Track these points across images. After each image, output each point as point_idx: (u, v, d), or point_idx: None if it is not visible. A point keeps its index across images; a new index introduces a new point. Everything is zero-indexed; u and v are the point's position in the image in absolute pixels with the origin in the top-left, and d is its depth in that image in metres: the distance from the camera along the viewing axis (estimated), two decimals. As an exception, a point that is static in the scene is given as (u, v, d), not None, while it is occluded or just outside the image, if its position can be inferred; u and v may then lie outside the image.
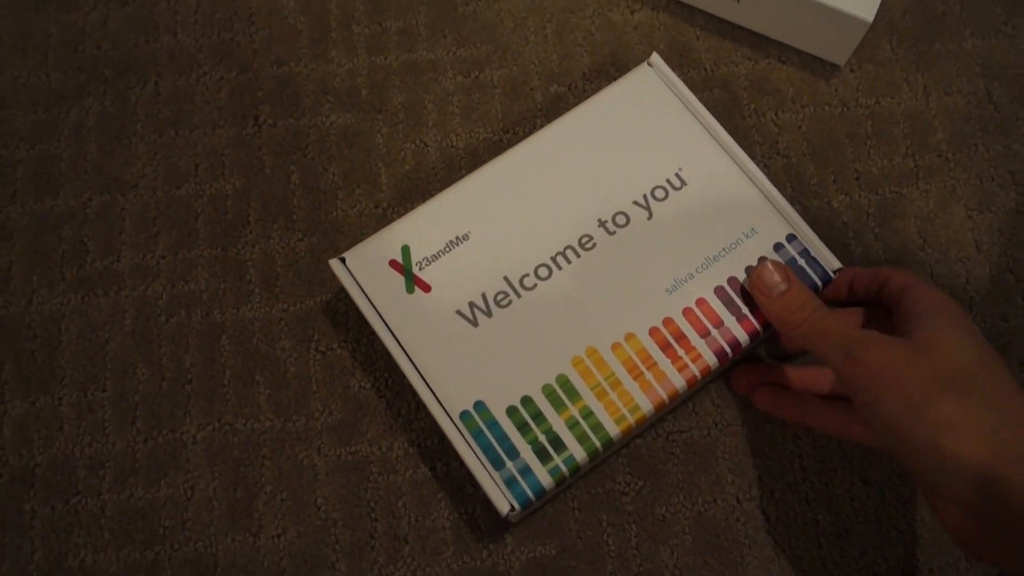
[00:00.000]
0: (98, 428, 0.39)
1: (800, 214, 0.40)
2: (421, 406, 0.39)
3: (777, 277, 0.35)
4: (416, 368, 0.36)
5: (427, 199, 0.38)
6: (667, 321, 0.36)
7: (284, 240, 0.42)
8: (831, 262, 0.37)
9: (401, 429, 0.39)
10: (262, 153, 0.43)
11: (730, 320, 0.36)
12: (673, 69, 0.44)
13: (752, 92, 0.44)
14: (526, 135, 0.41)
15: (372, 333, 0.40)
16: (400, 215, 0.38)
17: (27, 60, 0.45)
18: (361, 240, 0.41)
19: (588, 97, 0.40)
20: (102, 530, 0.37)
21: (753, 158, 0.42)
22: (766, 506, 0.38)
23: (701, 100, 0.44)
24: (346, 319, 0.40)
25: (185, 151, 0.43)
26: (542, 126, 0.40)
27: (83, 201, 0.42)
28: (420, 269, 0.37)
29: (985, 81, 0.45)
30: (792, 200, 0.42)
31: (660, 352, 0.36)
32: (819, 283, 0.37)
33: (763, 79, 0.44)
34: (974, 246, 0.42)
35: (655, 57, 0.40)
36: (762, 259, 0.37)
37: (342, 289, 0.40)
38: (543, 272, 0.37)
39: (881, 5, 0.45)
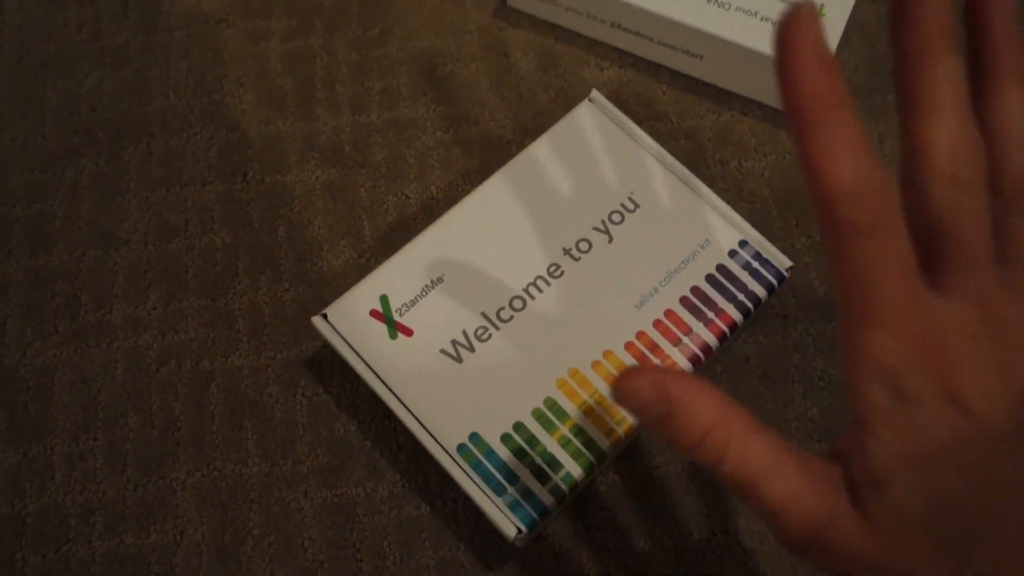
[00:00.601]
0: (89, 477, 0.40)
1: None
2: (404, 447, 0.40)
3: (647, 393, 0.25)
4: (409, 410, 0.37)
5: (408, 248, 0.40)
6: (640, 335, 0.38)
7: (271, 290, 0.43)
8: (783, 261, 0.40)
9: (385, 470, 0.40)
10: (250, 208, 0.45)
11: (698, 326, 0.38)
12: (640, 122, 0.47)
13: (717, 143, 0.46)
14: (502, 186, 0.43)
15: (355, 378, 0.41)
16: (385, 263, 0.40)
17: (25, 123, 0.47)
18: (345, 289, 0.42)
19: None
20: (92, 577, 0.38)
21: (719, 204, 0.44)
22: (743, 538, 0.39)
23: (669, 150, 0.46)
24: (331, 365, 0.42)
25: (176, 207, 0.45)
26: (517, 177, 0.42)
27: (77, 256, 0.44)
28: (400, 315, 0.39)
29: (936, 129, 0.47)
30: (758, 243, 0.44)
31: (637, 364, 0.38)
32: (774, 282, 0.39)
33: (727, 130, 0.47)
34: (932, 284, 0.44)
35: (595, 93, 0.43)
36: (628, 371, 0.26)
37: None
38: (518, 304, 0.39)
39: (836, 61, 0.48)
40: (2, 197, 0.45)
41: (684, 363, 0.38)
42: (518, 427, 0.37)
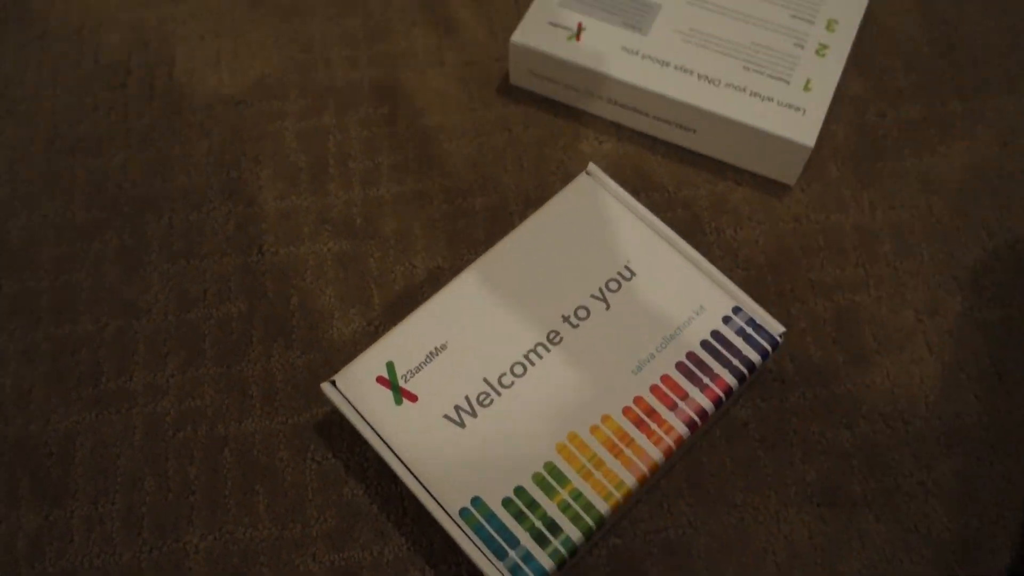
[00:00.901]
0: (107, 540, 0.41)
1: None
2: (409, 511, 0.42)
3: None
4: (413, 474, 0.38)
5: (414, 317, 0.42)
6: (637, 400, 0.39)
7: (284, 357, 0.45)
8: (776, 327, 0.41)
9: (391, 534, 0.41)
10: (265, 278, 0.47)
11: (694, 391, 0.39)
12: (637, 192, 0.49)
13: (712, 212, 0.48)
14: (504, 256, 0.45)
15: (363, 443, 0.43)
16: (391, 331, 0.42)
17: (55, 200, 0.49)
18: (355, 356, 0.44)
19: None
20: (107, 639, 0.39)
21: (715, 271, 0.46)
22: (741, 602, 0.40)
23: (665, 220, 0.48)
24: (340, 430, 0.43)
25: (195, 278, 0.47)
26: (518, 248, 0.44)
27: (100, 326, 0.46)
28: (405, 381, 0.40)
29: (925, 195, 0.49)
30: (753, 309, 0.46)
31: (635, 429, 0.39)
32: (768, 348, 0.40)
33: (721, 199, 0.48)
34: (926, 348, 0.45)
35: (592, 167, 0.45)
36: None
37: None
38: (518, 370, 0.40)
39: (825, 132, 0.50)
40: (31, 270, 0.48)
41: (681, 428, 0.39)
42: (519, 491, 0.38)
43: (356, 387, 0.40)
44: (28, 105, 0.52)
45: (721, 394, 0.40)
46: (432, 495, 0.38)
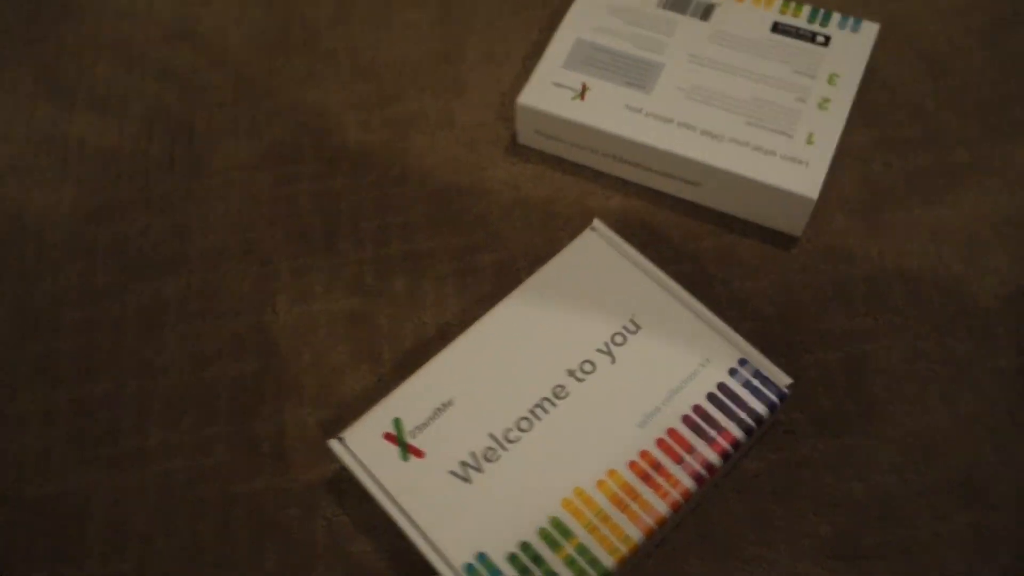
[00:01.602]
0: (119, 598, 0.42)
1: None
2: (417, 567, 0.41)
3: None
4: (419, 529, 0.38)
5: (421, 372, 0.42)
6: (643, 454, 0.39)
7: (295, 414, 0.46)
8: (783, 379, 0.41)
9: (399, 592, 0.41)
10: (278, 337, 0.48)
11: (701, 445, 0.39)
12: (645, 246, 0.49)
13: (719, 264, 0.48)
14: (511, 311, 0.45)
15: (372, 499, 0.43)
16: (398, 387, 0.42)
17: (78, 264, 0.51)
18: (365, 412, 0.45)
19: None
20: None
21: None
22: (755, 661, 0.39)
23: (671, 273, 0.48)
24: (349, 486, 0.44)
25: (210, 337, 0.48)
26: (525, 303, 0.45)
27: (118, 386, 0.47)
28: (412, 438, 0.40)
29: (935, 244, 0.48)
30: (762, 360, 0.46)
31: (641, 483, 0.38)
32: (776, 400, 0.40)
33: (728, 252, 0.49)
34: (939, 397, 0.44)
35: (597, 222, 0.45)
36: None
37: (346, 458, 0.44)
38: (525, 424, 0.40)
39: (832, 183, 0.51)
40: (53, 331, 0.49)
41: (688, 481, 0.39)
42: (524, 547, 0.38)
43: (364, 444, 0.41)
44: (55, 173, 0.54)
45: (729, 447, 0.40)
46: (437, 551, 0.38)
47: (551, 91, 0.51)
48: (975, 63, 0.55)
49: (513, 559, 0.37)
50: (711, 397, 0.41)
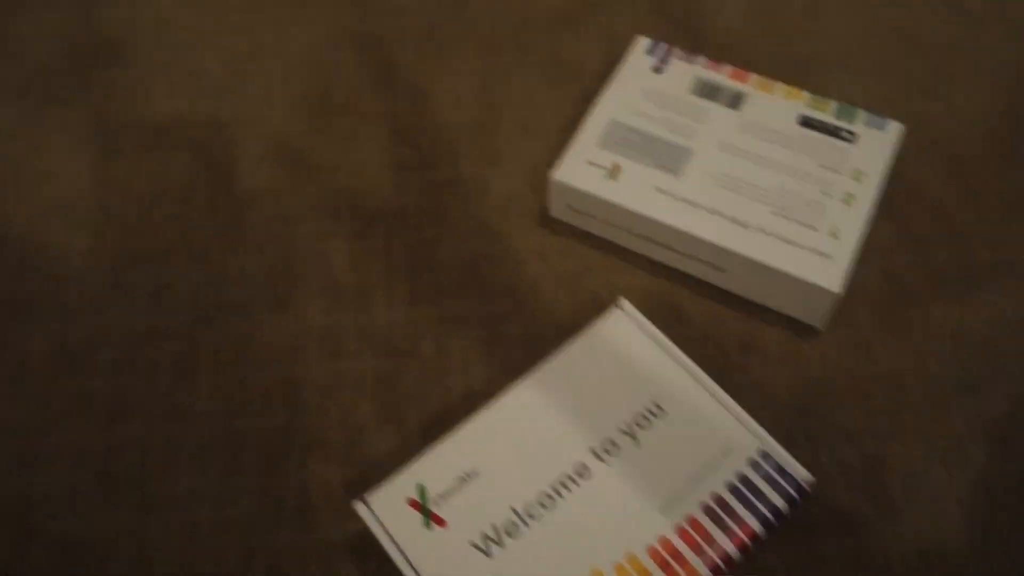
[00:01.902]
0: (136, 645, 0.42)
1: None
2: (431, 636, 0.42)
3: None
4: None
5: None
6: (663, 540, 0.40)
7: (320, 471, 0.47)
8: (804, 475, 0.42)
9: (412, 658, 0.42)
10: (307, 391, 0.49)
11: (720, 536, 0.40)
12: (669, 326, 0.50)
13: (740, 350, 0.50)
14: (537, 385, 0.46)
15: (392, 564, 0.44)
16: (424, 453, 0.43)
17: (115, 307, 0.52)
18: (388, 474, 0.46)
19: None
20: None
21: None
22: None
23: (693, 357, 0.49)
24: (370, 548, 0.44)
25: (242, 388, 0.49)
26: (551, 378, 0.46)
27: (149, 429, 0.48)
28: (436, 506, 0.41)
29: (954, 345, 0.50)
30: (778, 449, 0.46)
31: (660, 571, 0.39)
32: (795, 495, 0.41)
33: (750, 339, 0.50)
34: (956, 503, 0.45)
35: (623, 301, 0.46)
36: None
37: (367, 520, 0.45)
38: (547, 501, 0.41)
39: (856, 277, 0.52)
40: (88, 371, 0.50)
41: (705, 572, 0.40)
42: None
43: (387, 508, 0.42)
44: (98, 216, 0.56)
45: (747, 540, 0.40)
46: None
47: (584, 169, 0.52)
48: (996, 165, 0.56)
49: (528, 637, 0.38)
50: (731, 488, 0.42)
